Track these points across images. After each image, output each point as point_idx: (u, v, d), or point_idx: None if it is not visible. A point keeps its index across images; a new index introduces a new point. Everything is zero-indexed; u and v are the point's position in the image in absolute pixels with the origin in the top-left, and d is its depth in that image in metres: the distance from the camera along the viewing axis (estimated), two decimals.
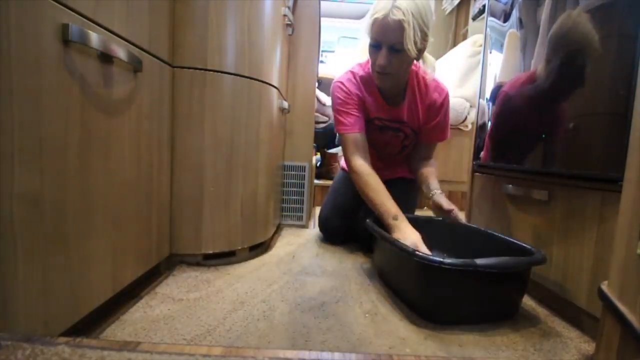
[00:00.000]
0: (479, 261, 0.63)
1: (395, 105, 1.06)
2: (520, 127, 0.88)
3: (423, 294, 0.70)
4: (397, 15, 0.83)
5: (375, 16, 0.86)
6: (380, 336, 0.62)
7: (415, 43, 0.86)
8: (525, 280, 0.72)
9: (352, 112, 1.01)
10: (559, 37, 0.74)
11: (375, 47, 0.92)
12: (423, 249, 0.79)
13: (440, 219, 0.99)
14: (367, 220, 0.90)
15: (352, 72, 1.05)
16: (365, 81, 1.04)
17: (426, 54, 0.98)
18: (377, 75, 0.96)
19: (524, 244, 0.75)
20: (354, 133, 1.00)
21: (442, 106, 1.07)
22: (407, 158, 1.23)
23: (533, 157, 0.82)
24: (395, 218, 0.87)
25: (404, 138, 1.13)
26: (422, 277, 0.70)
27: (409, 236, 0.83)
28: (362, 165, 0.97)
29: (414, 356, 0.44)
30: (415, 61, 0.96)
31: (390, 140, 1.13)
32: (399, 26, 0.84)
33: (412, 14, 0.83)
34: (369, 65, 1.00)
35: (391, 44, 0.88)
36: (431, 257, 0.65)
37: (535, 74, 0.82)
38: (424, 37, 0.89)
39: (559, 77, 0.74)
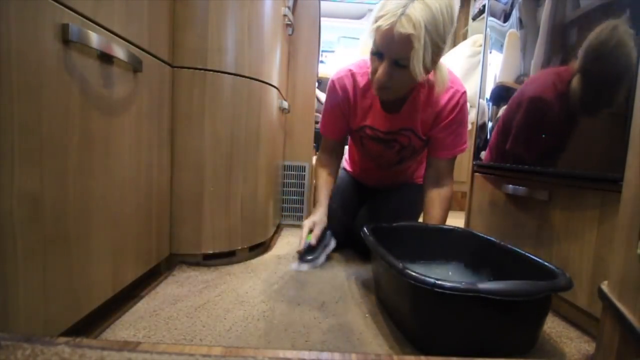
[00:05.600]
0: (483, 285, 0.52)
1: (392, 112, 0.95)
2: (524, 127, 0.88)
3: (413, 318, 0.60)
4: (406, 29, 0.69)
5: (379, 24, 0.72)
6: (380, 336, 0.62)
7: (425, 64, 0.73)
8: (543, 309, 0.60)
9: (337, 120, 1.03)
10: (559, 37, 0.74)
11: (376, 55, 0.79)
12: (316, 230, 0.94)
13: (454, 228, 0.89)
14: (363, 228, 0.80)
15: (352, 71, 0.96)
16: (363, 84, 0.95)
17: (440, 63, 0.84)
18: (375, 86, 0.84)
19: (546, 263, 0.63)
20: (330, 139, 1.10)
21: (450, 113, 0.91)
22: (411, 167, 1.19)
23: (533, 157, 0.82)
24: (316, 206, 1.02)
25: (399, 149, 1.02)
26: (412, 299, 0.60)
27: (311, 217, 0.96)
28: (322, 160, 1.11)
29: (414, 356, 0.44)
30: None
31: (384, 152, 1.05)
32: (407, 41, 0.70)
33: (426, 26, 0.69)
34: None
35: (395, 59, 0.75)
36: (423, 276, 0.54)
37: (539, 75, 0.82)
38: (438, 52, 0.75)
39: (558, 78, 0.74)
